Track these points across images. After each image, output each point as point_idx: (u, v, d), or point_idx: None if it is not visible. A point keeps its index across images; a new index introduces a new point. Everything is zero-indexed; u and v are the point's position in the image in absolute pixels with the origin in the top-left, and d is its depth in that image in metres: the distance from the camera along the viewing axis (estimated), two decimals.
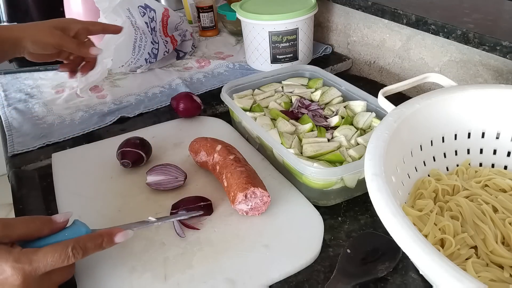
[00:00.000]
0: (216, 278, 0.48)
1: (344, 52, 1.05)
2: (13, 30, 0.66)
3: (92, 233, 0.45)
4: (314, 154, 0.61)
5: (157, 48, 0.98)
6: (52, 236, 0.44)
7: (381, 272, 0.48)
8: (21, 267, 0.39)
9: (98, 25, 0.75)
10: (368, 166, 0.43)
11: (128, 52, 0.94)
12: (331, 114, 0.72)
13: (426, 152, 0.55)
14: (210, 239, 0.53)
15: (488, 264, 0.45)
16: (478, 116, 0.56)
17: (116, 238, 0.45)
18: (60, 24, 0.69)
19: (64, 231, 0.45)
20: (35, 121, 0.82)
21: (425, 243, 0.34)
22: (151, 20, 0.97)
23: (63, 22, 0.70)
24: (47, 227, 0.44)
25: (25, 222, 0.43)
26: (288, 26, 0.89)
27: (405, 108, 0.51)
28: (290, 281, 0.49)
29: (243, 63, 1.01)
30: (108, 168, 0.66)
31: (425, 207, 0.49)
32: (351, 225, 0.56)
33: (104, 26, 0.76)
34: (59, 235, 0.44)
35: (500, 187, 0.53)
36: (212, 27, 1.19)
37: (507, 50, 0.64)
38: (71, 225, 0.46)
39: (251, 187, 0.54)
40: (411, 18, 0.78)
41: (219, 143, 0.63)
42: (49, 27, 0.67)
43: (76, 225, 0.46)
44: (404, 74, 0.91)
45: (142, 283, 0.48)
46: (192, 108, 0.78)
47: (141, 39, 0.94)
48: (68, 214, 0.46)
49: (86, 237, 0.44)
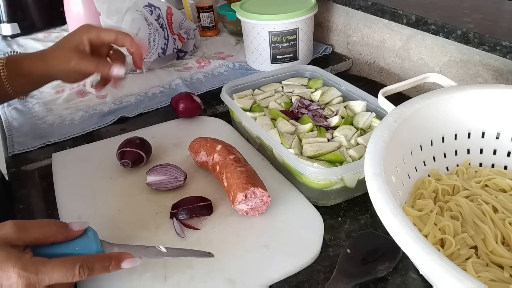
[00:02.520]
0: (216, 278, 0.48)
1: (344, 52, 1.05)
2: (37, 60, 0.63)
3: (102, 254, 0.44)
4: (314, 154, 0.61)
5: (167, 43, 1.00)
6: (63, 245, 0.43)
7: (381, 272, 0.48)
8: (27, 276, 0.39)
9: (111, 34, 0.63)
10: (368, 166, 0.43)
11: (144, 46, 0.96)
12: (331, 114, 0.72)
13: (426, 152, 0.55)
14: (210, 239, 0.53)
15: (488, 264, 0.45)
16: (478, 116, 0.56)
17: (123, 264, 0.44)
18: (75, 41, 0.62)
19: (75, 242, 0.44)
20: (35, 121, 0.82)
21: (425, 243, 0.34)
22: (158, 17, 0.99)
23: (77, 36, 0.62)
24: (62, 233, 0.43)
25: (40, 225, 0.42)
26: (288, 26, 0.89)
27: (405, 108, 0.51)
28: (290, 281, 0.49)
29: (243, 63, 1.01)
30: (108, 168, 0.66)
31: (425, 207, 0.49)
32: (351, 225, 0.56)
33: (117, 35, 0.63)
34: (70, 246, 0.44)
35: (500, 187, 0.53)
36: (212, 27, 1.19)
37: (507, 50, 0.64)
38: (83, 236, 0.45)
39: (251, 187, 0.54)
40: (411, 18, 0.78)
41: (219, 143, 0.63)
42: (66, 50, 0.62)
43: (88, 238, 0.45)
44: (404, 74, 0.91)
45: (142, 283, 0.48)
46: (192, 108, 0.78)
47: (155, 34, 0.97)
48: (84, 224, 0.46)
49: (95, 257, 0.43)
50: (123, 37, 0.63)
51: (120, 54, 0.67)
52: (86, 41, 0.62)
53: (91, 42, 0.63)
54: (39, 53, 0.64)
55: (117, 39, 0.63)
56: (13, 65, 0.61)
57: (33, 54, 0.64)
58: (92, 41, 0.63)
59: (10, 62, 0.61)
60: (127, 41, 0.63)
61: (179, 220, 0.55)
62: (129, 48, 0.63)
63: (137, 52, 0.64)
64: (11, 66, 0.61)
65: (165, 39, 1.00)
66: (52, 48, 0.64)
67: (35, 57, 0.63)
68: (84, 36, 0.62)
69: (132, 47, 0.63)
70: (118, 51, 0.67)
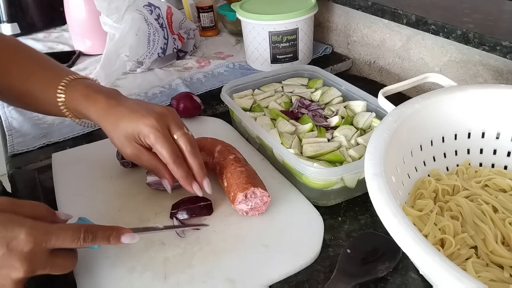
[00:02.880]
0: (216, 278, 0.48)
1: (344, 52, 1.05)
2: (94, 118, 0.56)
3: (104, 225, 0.45)
4: (314, 154, 0.61)
5: (167, 43, 1.00)
6: None
7: (381, 272, 0.48)
8: (36, 234, 0.39)
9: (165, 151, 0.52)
10: (368, 166, 0.43)
11: (144, 46, 0.96)
12: (331, 114, 0.72)
13: (426, 152, 0.55)
14: (210, 239, 0.53)
15: (488, 264, 0.45)
16: (478, 116, 0.56)
17: (123, 237, 0.45)
18: (132, 130, 0.53)
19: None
20: (35, 121, 0.82)
21: (425, 243, 0.34)
22: (158, 16, 0.99)
23: (143, 124, 0.52)
24: (50, 218, 0.44)
25: (32, 205, 0.43)
26: (288, 26, 0.89)
27: (405, 108, 0.51)
28: (290, 281, 0.49)
29: (243, 63, 1.01)
30: (108, 168, 0.66)
31: (425, 207, 0.49)
32: (351, 225, 0.56)
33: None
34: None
35: (500, 187, 0.53)
36: (212, 27, 1.19)
37: (507, 50, 0.64)
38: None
39: (251, 187, 0.54)
40: (411, 18, 0.78)
41: (219, 143, 0.63)
42: (124, 136, 0.53)
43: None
44: (404, 74, 0.91)
45: (142, 283, 0.48)
46: (192, 108, 0.78)
47: (154, 33, 0.97)
48: (69, 215, 0.47)
49: (98, 226, 0.44)
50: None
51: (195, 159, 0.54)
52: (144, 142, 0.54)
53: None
54: (100, 114, 0.55)
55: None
56: (73, 95, 0.56)
57: (94, 108, 0.55)
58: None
59: (72, 90, 0.56)
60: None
61: (179, 220, 0.55)
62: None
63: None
64: (72, 94, 0.56)
65: (165, 39, 1.00)
66: (113, 127, 0.54)
67: (93, 112, 0.55)
68: (144, 130, 0.52)
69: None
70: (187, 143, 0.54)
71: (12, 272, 0.38)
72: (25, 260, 0.38)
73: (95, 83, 0.60)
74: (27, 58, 0.60)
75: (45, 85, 0.57)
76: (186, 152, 0.53)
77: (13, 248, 0.38)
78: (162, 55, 1.00)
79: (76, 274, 0.49)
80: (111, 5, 0.90)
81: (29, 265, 0.39)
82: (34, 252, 0.39)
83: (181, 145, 0.53)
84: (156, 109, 0.54)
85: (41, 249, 0.40)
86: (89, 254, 0.51)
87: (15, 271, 0.38)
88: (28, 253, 0.39)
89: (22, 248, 0.39)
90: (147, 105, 0.55)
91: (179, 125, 0.54)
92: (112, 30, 0.93)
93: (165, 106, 0.56)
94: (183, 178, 0.53)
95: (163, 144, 0.51)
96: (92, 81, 0.60)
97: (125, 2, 0.92)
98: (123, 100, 0.56)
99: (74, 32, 1.11)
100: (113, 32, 0.93)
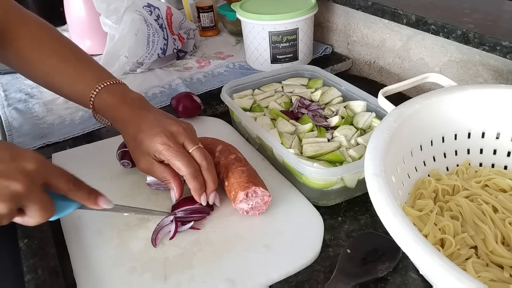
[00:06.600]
0: (216, 278, 0.48)
1: (344, 52, 1.05)
2: (118, 127, 0.59)
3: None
4: (314, 154, 0.61)
5: (167, 44, 1.00)
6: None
7: (381, 272, 0.48)
8: (41, 160, 0.42)
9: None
10: (368, 166, 0.43)
11: (143, 47, 0.96)
12: (331, 114, 0.72)
13: (426, 152, 0.55)
14: (210, 239, 0.53)
15: (488, 264, 0.45)
16: (478, 116, 0.56)
17: (100, 200, 0.47)
18: (147, 147, 0.55)
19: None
20: (35, 121, 0.82)
21: (425, 243, 0.34)
22: (158, 17, 0.99)
23: (158, 144, 0.54)
24: (88, 200, 0.46)
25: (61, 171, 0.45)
26: (288, 26, 0.89)
27: (405, 108, 0.51)
28: (290, 281, 0.49)
29: (243, 63, 1.01)
30: (108, 168, 0.66)
31: (425, 207, 0.49)
32: (351, 225, 0.56)
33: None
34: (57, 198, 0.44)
35: (500, 187, 0.53)
36: (212, 27, 1.19)
37: (507, 50, 0.64)
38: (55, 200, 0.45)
39: (253, 186, 0.54)
40: (411, 18, 0.78)
41: (220, 143, 0.63)
42: (140, 150, 0.55)
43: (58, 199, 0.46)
44: (404, 74, 0.91)
45: (142, 283, 0.48)
46: (192, 108, 0.78)
47: (154, 34, 0.97)
48: (111, 203, 0.48)
49: (82, 182, 0.46)
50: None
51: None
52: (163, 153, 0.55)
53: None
54: (126, 123, 0.57)
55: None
56: (103, 101, 0.60)
57: (121, 117, 0.58)
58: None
59: (103, 95, 0.60)
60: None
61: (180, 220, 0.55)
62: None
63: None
64: (101, 101, 0.60)
65: (165, 40, 1.00)
66: (133, 143, 0.57)
67: (116, 121, 0.59)
68: (157, 147, 0.54)
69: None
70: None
71: (11, 184, 0.38)
72: (27, 175, 0.40)
73: (126, 90, 0.62)
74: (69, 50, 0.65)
75: (87, 80, 0.61)
76: (202, 167, 0.55)
77: (19, 162, 0.40)
78: (162, 55, 1.00)
79: (76, 274, 0.49)
80: (110, 6, 0.90)
81: (29, 182, 0.39)
82: (35, 173, 0.40)
83: (197, 160, 0.55)
84: (172, 127, 0.56)
85: (41, 175, 0.41)
86: (89, 254, 0.51)
87: (14, 183, 0.39)
88: (30, 171, 0.40)
89: (27, 164, 0.40)
90: (166, 120, 0.57)
91: (194, 142, 0.56)
92: (112, 31, 0.93)
93: (183, 123, 0.57)
94: (197, 190, 0.55)
95: (177, 158, 0.54)
96: (125, 87, 0.62)
97: (124, 3, 0.92)
98: (145, 114, 0.58)
99: (74, 32, 1.11)
100: (113, 32, 0.93)
